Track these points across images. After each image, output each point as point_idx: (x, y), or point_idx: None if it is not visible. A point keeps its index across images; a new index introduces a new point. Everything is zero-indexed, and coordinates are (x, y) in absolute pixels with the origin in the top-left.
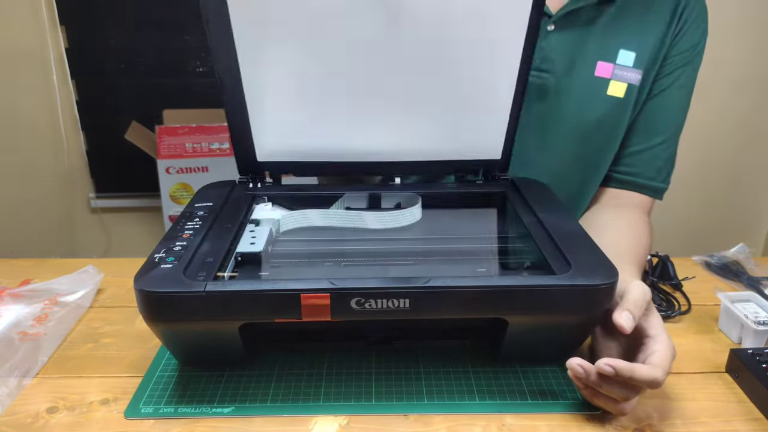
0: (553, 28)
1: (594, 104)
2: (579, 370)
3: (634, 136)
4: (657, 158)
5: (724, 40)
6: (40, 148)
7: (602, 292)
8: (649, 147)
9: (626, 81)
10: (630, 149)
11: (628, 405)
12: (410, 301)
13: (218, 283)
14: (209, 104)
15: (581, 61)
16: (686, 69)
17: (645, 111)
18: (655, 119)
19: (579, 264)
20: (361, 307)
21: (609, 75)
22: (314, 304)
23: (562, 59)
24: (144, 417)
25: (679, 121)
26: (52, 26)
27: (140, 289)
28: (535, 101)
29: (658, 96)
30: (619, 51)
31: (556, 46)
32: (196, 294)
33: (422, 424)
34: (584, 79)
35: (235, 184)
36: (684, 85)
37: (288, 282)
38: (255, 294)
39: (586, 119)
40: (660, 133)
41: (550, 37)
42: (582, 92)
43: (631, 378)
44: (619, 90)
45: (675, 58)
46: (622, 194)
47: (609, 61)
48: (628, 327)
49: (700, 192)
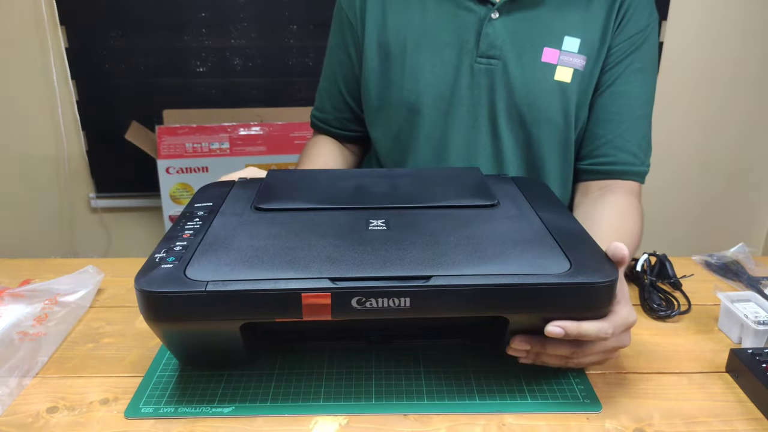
0: (497, 15)
1: (542, 89)
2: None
3: (599, 128)
4: (628, 143)
5: (724, 40)
6: (40, 148)
7: (602, 290)
8: (618, 135)
9: (572, 66)
10: (599, 140)
11: (577, 362)
12: (411, 300)
13: (219, 282)
14: (209, 104)
15: (528, 48)
16: (638, 53)
17: (603, 103)
18: (616, 108)
19: (579, 262)
20: (362, 306)
21: (555, 61)
22: (315, 304)
23: (508, 46)
24: (144, 417)
25: (642, 104)
26: (52, 26)
27: (141, 290)
28: (485, 88)
29: (612, 85)
30: (564, 37)
31: (501, 33)
32: (197, 294)
33: (422, 423)
34: (531, 65)
35: (234, 183)
36: (639, 69)
37: (289, 282)
38: (256, 294)
39: (535, 104)
40: (623, 120)
41: (495, 24)
42: (529, 78)
43: (579, 334)
44: (566, 75)
45: (622, 45)
46: (605, 183)
47: (555, 47)
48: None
49: (700, 192)
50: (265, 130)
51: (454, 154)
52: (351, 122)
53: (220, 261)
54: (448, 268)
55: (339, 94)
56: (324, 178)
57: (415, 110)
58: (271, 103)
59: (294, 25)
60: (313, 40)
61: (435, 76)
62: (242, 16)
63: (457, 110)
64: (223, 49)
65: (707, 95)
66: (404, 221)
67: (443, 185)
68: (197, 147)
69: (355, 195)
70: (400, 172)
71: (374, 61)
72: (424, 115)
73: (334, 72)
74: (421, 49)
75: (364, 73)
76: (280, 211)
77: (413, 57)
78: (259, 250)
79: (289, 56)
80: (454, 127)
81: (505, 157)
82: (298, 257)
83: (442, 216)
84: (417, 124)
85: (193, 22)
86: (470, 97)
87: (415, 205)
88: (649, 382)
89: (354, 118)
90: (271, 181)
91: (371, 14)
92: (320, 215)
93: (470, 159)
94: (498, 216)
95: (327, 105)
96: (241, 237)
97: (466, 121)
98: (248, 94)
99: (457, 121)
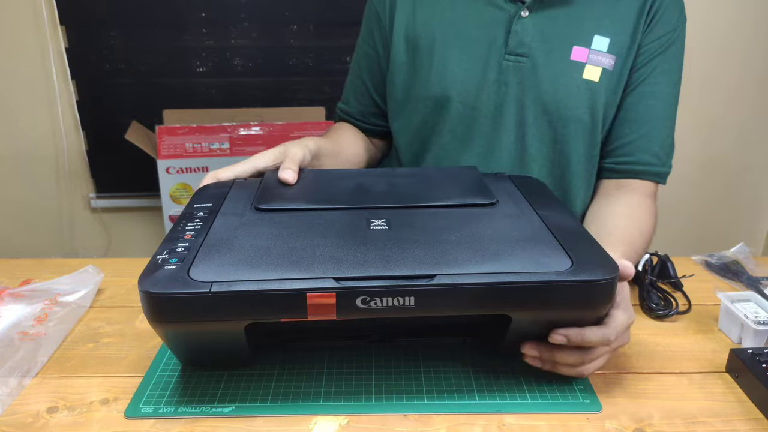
0: (527, 13)
1: (570, 88)
2: (534, 353)
3: (623, 127)
4: (652, 143)
5: (725, 40)
6: (40, 148)
7: (603, 287)
8: (641, 135)
9: (601, 65)
10: (622, 140)
11: (585, 368)
12: (415, 299)
13: (224, 283)
14: (209, 104)
15: (557, 46)
16: (666, 55)
17: (630, 103)
18: (641, 109)
19: (580, 259)
20: (367, 305)
21: (585, 59)
22: (320, 304)
23: (537, 44)
24: (144, 417)
25: (667, 106)
26: (52, 26)
27: (145, 291)
28: (513, 85)
29: (640, 86)
30: (594, 36)
31: (531, 31)
32: (202, 295)
33: (422, 423)
34: (560, 63)
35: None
36: (666, 71)
37: (294, 282)
38: (261, 294)
39: (562, 102)
40: (648, 120)
41: (524, 22)
42: (558, 76)
43: (582, 341)
44: (594, 74)
45: (651, 46)
46: (623, 182)
47: (584, 45)
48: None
49: (701, 192)
50: (265, 130)
51: (477, 149)
52: (374, 116)
53: (223, 262)
54: (451, 266)
55: (363, 87)
56: (322, 178)
57: (440, 104)
58: (271, 103)
59: (294, 25)
60: (313, 40)
61: (462, 72)
62: (242, 16)
63: (484, 106)
64: (224, 49)
65: (708, 96)
66: (405, 221)
67: (442, 184)
68: (197, 147)
69: (354, 195)
70: (398, 171)
71: (401, 54)
72: (450, 110)
73: (360, 65)
74: (449, 44)
75: (391, 66)
76: (281, 212)
77: (441, 51)
78: (261, 250)
79: (289, 56)
80: (479, 123)
81: (530, 154)
82: (301, 257)
83: (442, 215)
84: (441, 119)
85: (193, 22)
86: (497, 93)
87: (415, 204)
88: (649, 382)
89: (377, 113)
90: (270, 182)
91: (401, 9)
92: (321, 215)
93: (493, 155)
94: (497, 214)
95: (351, 98)
96: (243, 237)
97: (492, 118)
98: (248, 94)
99: (482, 117)
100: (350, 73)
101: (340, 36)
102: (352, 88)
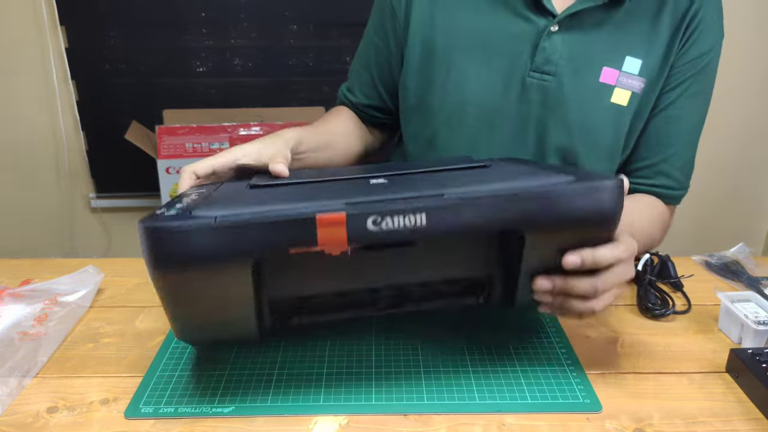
0: (557, 28)
1: (596, 111)
2: (546, 283)
3: (646, 149)
4: (672, 168)
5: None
6: (40, 148)
7: (611, 190)
8: (663, 159)
9: (630, 89)
10: (643, 162)
11: (596, 302)
12: (426, 216)
13: (229, 216)
14: (209, 104)
15: (586, 66)
16: (698, 77)
17: (656, 124)
18: (667, 132)
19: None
20: (378, 227)
21: (614, 82)
22: (330, 224)
23: (565, 62)
24: (144, 417)
25: (692, 130)
26: (52, 26)
27: (146, 227)
28: (536, 104)
29: (668, 108)
30: (625, 57)
31: (560, 48)
32: (207, 227)
33: (422, 423)
34: (588, 84)
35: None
36: (696, 92)
37: (302, 205)
38: (268, 222)
39: (587, 125)
40: (673, 144)
41: (553, 38)
42: (585, 98)
43: (595, 260)
44: (623, 98)
45: (683, 67)
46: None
47: (615, 67)
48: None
49: (701, 192)
50: (265, 130)
51: None
52: (377, 110)
53: (228, 204)
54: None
55: (370, 79)
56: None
57: (456, 117)
58: (271, 103)
59: (294, 25)
60: (313, 40)
61: (482, 85)
62: (242, 16)
63: (503, 123)
64: (223, 49)
65: None
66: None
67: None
68: (197, 147)
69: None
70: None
71: (416, 57)
72: (467, 125)
73: (368, 56)
74: (470, 54)
75: (404, 68)
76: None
77: (460, 61)
78: (268, 193)
79: (289, 56)
80: (497, 140)
81: None
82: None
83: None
84: (457, 132)
85: (193, 22)
86: (518, 110)
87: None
88: (649, 382)
89: (380, 106)
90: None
91: (417, 8)
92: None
93: None
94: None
95: (356, 88)
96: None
97: (512, 136)
98: (248, 94)
99: (501, 135)
100: (357, 59)
101: (340, 36)
102: (358, 78)
